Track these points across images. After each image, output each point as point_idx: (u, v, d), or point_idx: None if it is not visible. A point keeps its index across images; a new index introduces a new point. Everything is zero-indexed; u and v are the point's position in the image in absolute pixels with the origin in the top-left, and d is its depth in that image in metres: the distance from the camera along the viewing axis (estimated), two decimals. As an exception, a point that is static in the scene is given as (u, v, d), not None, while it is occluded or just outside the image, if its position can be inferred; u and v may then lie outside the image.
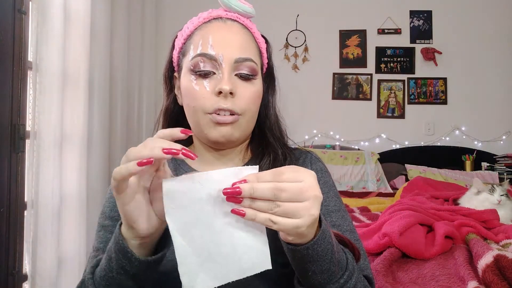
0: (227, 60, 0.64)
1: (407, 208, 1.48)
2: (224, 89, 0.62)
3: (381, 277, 1.06)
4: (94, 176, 2.02)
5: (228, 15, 0.69)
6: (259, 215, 0.45)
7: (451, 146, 3.24)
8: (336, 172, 2.96)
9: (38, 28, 1.56)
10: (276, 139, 0.75)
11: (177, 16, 3.11)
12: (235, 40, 0.66)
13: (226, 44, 0.65)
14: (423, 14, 3.34)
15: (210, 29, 0.67)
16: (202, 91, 0.64)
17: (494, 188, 1.63)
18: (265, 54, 0.74)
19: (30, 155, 1.59)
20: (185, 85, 0.68)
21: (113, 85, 2.29)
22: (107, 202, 0.72)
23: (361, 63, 3.39)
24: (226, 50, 0.65)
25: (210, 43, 0.65)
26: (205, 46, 0.65)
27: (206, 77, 0.65)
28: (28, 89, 1.60)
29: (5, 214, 1.47)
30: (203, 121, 0.65)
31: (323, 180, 0.74)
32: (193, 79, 0.65)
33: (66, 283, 1.70)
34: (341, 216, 0.71)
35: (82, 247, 1.81)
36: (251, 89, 0.67)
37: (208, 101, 0.64)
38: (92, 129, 2.02)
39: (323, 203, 0.71)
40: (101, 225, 0.70)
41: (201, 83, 0.65)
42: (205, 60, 0.64)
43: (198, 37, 0.67)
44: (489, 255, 1.04)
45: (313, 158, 0.77)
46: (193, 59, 0.65)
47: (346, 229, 0.70)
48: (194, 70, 0.65)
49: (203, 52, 0.65)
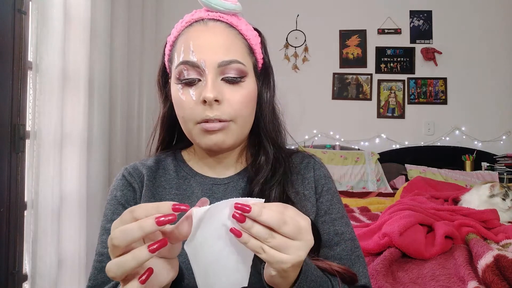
0: (210, 65, 0.61)
1: (407, 208, 1.48)
2: (207, 97, 0.60)
3: (381, 277, 1.06)
4: (94, 176, 2.01)
5: (210, 16, 0.65)
6: (252, 241, 0.45)
7: (451, 146, 3.24)
8: (336, 172, 2.96)
9: (38, 28, 1.56)
10: (270, 140, 0.71)
11: (177, 16, 3.07)
12: (217, 42, 0.63)
13: (208, 49, 0.62)
14: (423, 14, 3.34)
15: (191, 34, 0.64)
16: (189, 100, 0.62)
17: (508, 194, 1.62)
18: (258, 50, 0.70)
19: (30, 155, 1.58)
20: (173, 95, 0.66)
21: (113, 85, 2.29)
22: (109, 204, 0.71)
23: (361, 63, 3.39)
24: (208, 55, 0.61)
25: (191, 49, 0.62)
26: (186, 53, 0.62)
27: (192, 85, 0.63)
28: (28, 89, 1.60)
29: (5, 214, 1.47)
30: (194, 131, 0.64)
31: (326, 186, 0.73)
32: (180, 88, 0.63)
33: (66, 283, 1.70)
34: (345, 223, 0.71)
35: (82, 247, 1.81)
36: (240, 93, 0.64)
37: (195, 111, 0.62)
38: (92, 129, 2.02)
39: (327, 210, 0.71)
40: (104, 228, 0.69)
41: (187, 92, 0.63)
42: (188, 68, 0.62)
43: (180, 44, 0.64)
44: (489, 255, 1.04)
45: (317, 164, 0.76)
46: (177, 67, 0.63)
47: (349, 238, 0.69)
48: (179, 79, 0.63)
49: (185, 60, 0.62)
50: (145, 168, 0.73)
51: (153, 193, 0.70)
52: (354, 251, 0.69)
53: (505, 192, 1.64)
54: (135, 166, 0.74)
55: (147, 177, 0.71)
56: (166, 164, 0.75)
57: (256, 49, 0.69)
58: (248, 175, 0.71)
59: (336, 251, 0.68)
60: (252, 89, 0.67)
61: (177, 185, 0.72)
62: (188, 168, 0.74)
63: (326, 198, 0.72)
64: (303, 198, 0.70)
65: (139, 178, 0.72)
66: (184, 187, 0.71)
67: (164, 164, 0.75)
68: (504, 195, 1.63)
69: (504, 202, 1.62)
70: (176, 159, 0.76)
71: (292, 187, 0.69)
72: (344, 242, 0.68)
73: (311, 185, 0.72)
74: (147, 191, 0.70)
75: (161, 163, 0.75)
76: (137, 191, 0.71)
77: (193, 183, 0.71)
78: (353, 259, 0.68)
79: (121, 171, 0.74)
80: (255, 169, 0.70)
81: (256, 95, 0.69)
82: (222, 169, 0.73)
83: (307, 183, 0.72)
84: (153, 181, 0.72)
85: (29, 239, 1.54)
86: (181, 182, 0.72)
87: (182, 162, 0.75)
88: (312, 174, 0.73)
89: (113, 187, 0.72)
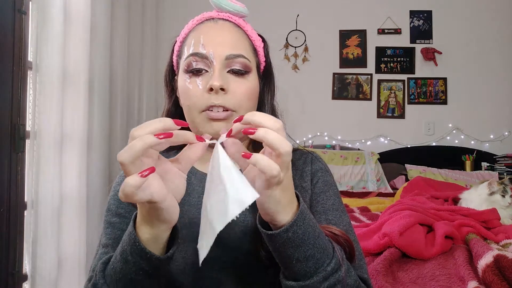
0: (218, 57, 0.65)
1: (407, 208, 1.48)
2: (214, 85, 0.63)
3: (381, 277, 1.06)
4: (94, 176, 2.01)
5: (220, 15, 0.70)
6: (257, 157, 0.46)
7: (451, 146, 3.24)
8: (336, 172, 2.96)
9: (38, 28, 1.56)
10: None
11: (177, 16, 3.11)
12: (226, 38, 0.67)
13: (217, 42, 0.66)
14: (423, 14, 3.34)
15: (201, 30, 0.69)
16: (195, 89, 0.65)
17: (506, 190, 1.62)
18: (261, 53, 0.74)
19: (30, 155, 1.59)
20: (180, 85, 0.69)
21: (113, 85, 2.29)
22: (112, 199, 0.72)
23: (361, 63, 3.39)
24: (216, 47, 0.66)
25: (201, 42, 0.66)
26: (196, 45, 0.67)
27: (199, 75, 0.66)
28: (28, 89, 1.60)
29: (5, 214, 1.47)
30: (198, 119, 0.66)
31: (322, 179, 0.74)
32: (187, 78, 0.67)
33: (66, 283, 1.70)
34: (339, 216, 0.70)
35: (82, 247, 1.81)
36: (245, 85, 0.67)
37: (201, 99, 0.65)
38: (92, 129, 2.02)
39: (320, 201, 0.71)
40: (108, 222, 0.70)
41: (194, 81, 0.66)
42: (197, 59, 0.66)
43: (191, 39, 0.69)
44: (489, 255, 1.04)
45: (314, 158, 0.77)
46: (186, 59, 0.67)
47: (342, 229, 0.68)
48: (187, 70, 0.67)
49: (194, 52, 0.66)
50: None
51: None
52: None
53: (503, 189, 1.64)
54: None
55: None
56: None
57: (259, 51, 0.74)
58: None
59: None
60: (255, 85, 0.70)
61: None
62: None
63: (320, 189, 0.72)
64: (302, 191, 0.71)
65: None
66: None
67: None
68: (503, 192, 1.63)
69: (504, 198, 1.61)
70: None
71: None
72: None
73: (308, 177, 0.73)
74: None
75: None
76: None
77: (194, 180, 0.72)
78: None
79: None
80: None
81: (258, 93, 0.72)
82: None
83: (305, 176, 0.73)
84: None
85: (29, 239, 1.54)
86: None
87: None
88: (310, 168, 0.75)
89: (116, 183, 0.75)
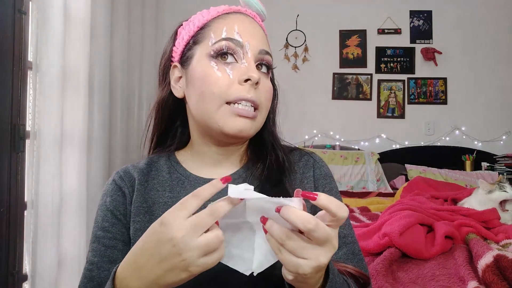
0: (253, 50, 0.64)
1: (407, 208, 1.48)
2: (253, 77, 0.60)
3: (381, 277, 1.06)
4: (94, 176, 2.01)
5: (247, 12, 0.69)
6: (272, 240, 0.46)
7: (451, 146, 3.24)
8: (336, 172, 2.96)
9: (38, 28, 1.56)
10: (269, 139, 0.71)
11: (177, 16, 3.09)
12: (258, 33, 0.67)
13: (252, 35, 0.65)
14: (423, 14, 3.34)
15: (234, 19, 0.66)
16: (225, 77, 0.61)
17: (503, 186, 1.61)
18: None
19: (30, 155, 1.58)
20: (201, 71, 0.63)
21: (113, 85, 2.29)
22: (99, 210, 0.69)
23: (361, 63, 3.39)
24: (251, 40, 0.64)
25: (236, 30, 0.64)
26: (230, 32, 0.63)
27: (228, 64, 0.63)
28: (28, 89, 1.60)
29: (5, 214, 1.47)
30: (220, 111, 0.62)
31: (328, 186, 0.71)
32: (214, 65, 0.62)
33: (66, 283, 1.70)
34: (347, 225, 0.69)
35: (82, 247, 1.80)
36: (269, 84, 0.67)
37: (230, 89, 0.61)
38: (92, 129, 2.01)
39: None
40: (95, 236, 0.68)
41: (224, 70, 0.62)
42: (230, 46, 0.63)
43: (221, 25, 0.65)
44: (489, 255, 1.04)
45: (317, 162, 0.73)
46: (217, 43, 0.63)
47: (351, 241, 0.68)
48: (215, 54, 0.63)
49: (229, 37, 0.63)
50: (137, 171, 0.71)
51: (145, 197, 0.68)
52: (356, 254, 0.68)
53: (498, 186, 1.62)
54: (126, 169, 0.72)
55: (138, 181, 0.69)
56: (159, 166, 0.73)
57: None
58: (245, 175, 0.70)
59: (338, 255, 0.66)
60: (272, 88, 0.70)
61: (171, 187, 0.69)
62: (182, 169, 0.71)
63: None
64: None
65: (130, 182, 0.70)
66: (177, 189, 0.69)
67: (157, 166, 0.73)
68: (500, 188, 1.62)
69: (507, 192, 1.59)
70: (169, 160, 0.73)
71: (290, 186, 0.67)
72: (346, 246, 0.67)
73: (310, 184, 0.70)
74: (138, 195, 0.68)
75: (153, 165, 0.73)
76: (127, 196, 0.69)
77: (187, 185, 0.69)
78: (355, 262, 0.67)
79: (112, 176, 0.72)
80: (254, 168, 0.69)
81: None
82: (219, 169, 0.70)
83: (306, 182, 0.70)
84: (145, 184, 0.69)
85: (29, 239, 1.54)
86: (175, 184, 0.70)
87: (176, 163, 0.73)
88: (312, 174, 0.71)
89: (103, 192, 0.71)
